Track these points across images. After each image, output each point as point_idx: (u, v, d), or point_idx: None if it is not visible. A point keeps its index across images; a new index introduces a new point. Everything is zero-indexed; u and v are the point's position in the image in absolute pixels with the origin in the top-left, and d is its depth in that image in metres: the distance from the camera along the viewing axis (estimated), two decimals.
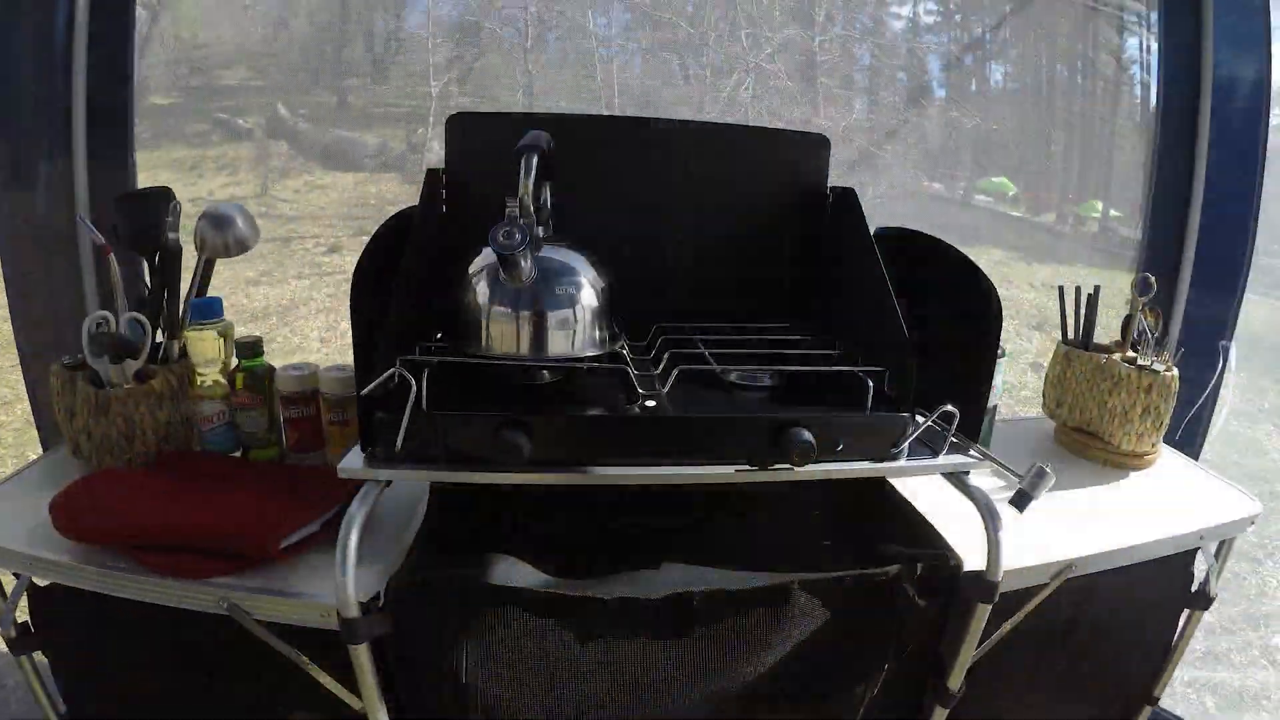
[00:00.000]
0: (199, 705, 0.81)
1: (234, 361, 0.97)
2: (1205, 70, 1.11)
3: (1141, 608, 0.99)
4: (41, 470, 0.95)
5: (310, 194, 3.41)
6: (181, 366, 0.96)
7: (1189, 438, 1.22)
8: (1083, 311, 1.12)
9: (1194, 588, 1.00)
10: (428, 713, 0.70)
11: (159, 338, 0.98)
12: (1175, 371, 1.01)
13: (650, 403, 0.69)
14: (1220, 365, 1.17)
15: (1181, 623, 1.03)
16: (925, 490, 0.88)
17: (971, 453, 0.77)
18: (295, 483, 0.87)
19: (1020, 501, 0.74)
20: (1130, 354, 1.06)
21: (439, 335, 0.82)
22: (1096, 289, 1.12)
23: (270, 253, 2.98)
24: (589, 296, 0.73)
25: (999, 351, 0.83)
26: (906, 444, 0.74)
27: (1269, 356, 2.16)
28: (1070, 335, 1.13)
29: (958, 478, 0.77)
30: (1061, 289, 1.12)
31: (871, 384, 0.73)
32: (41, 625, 0.83)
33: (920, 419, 0.73)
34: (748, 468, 0.69)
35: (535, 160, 0.69)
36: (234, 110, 2.86)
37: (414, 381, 0.63)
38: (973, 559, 0.76)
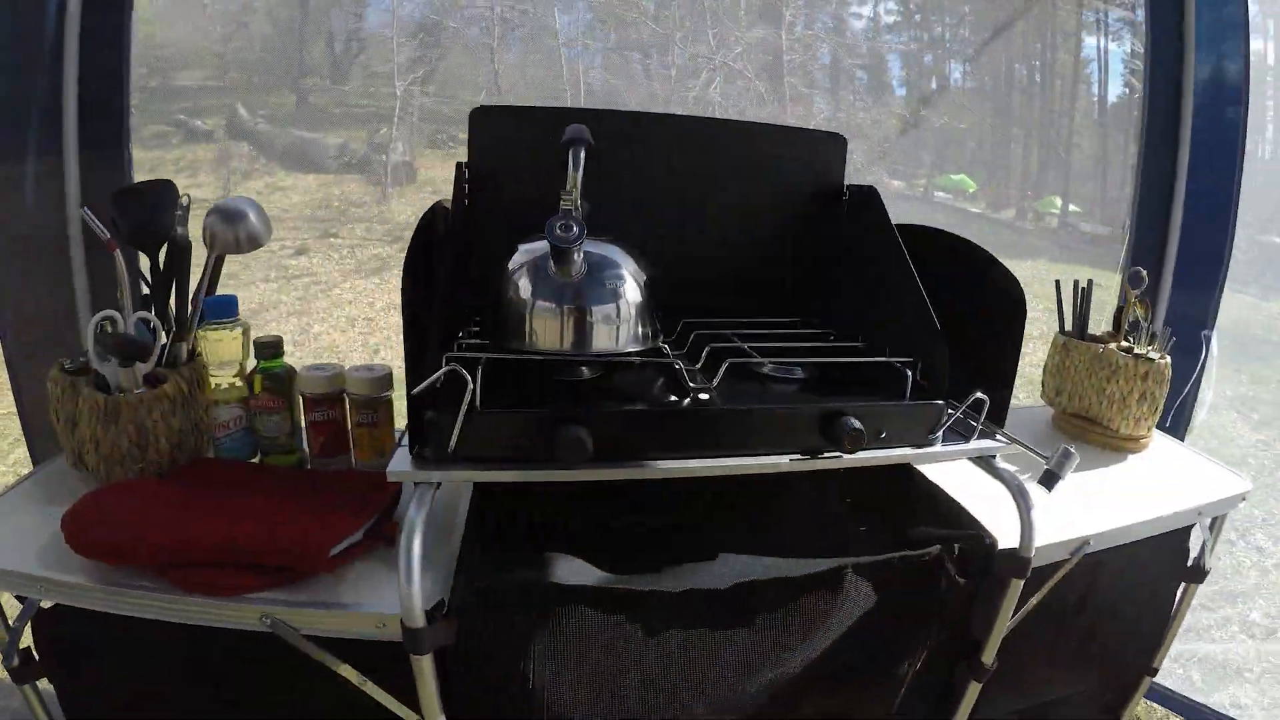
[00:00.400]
0: None
1: (250, 363, 0.95)
2: (1187, 74, 1.21)
3: (1143, 582, 1.06)
4: (38, 484, 0.91)
5: (273, 195, 3.35)
6: (192, 369, 0.92)
7: (1175, 423, 1.31)
8: (1075, 304, 1.20)
9: (1189, 562, 1.09)
10: None
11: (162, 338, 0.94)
12: (1168, 359, 1.10)
13: (704, 396, 0.72)
14: (1203, 354, 1.27)
15: (1178, 596, 1.12)
16: (940, 474, 0.94)
17: (998, 437, 0.83)
18: (326, 489, 0.85)
19: (1049, 481, 0.80)
20: (1125, 344, 1.14)
21: (473, 330, 0.83)
22: (1090, 283, 1.20)
23: (235, 256, 2.92)
24: (634, 292, 0.75)
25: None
26: (942, 430, 0.79)
27: (1231, 347, 2.33)
28: (1068, 327, 1.21)
29: (986, 461, 0.83)
30: (1059, 283, 1.20)
31: (910, 374, 0.78)
32: (47, 651, 0.80)
33: (953, 407, 0.79)
34: (800, 457, 0.73)
35: (583, 154, 0.71)
36: (192, 111, 2.80)
37: (469, 380, 0.63)
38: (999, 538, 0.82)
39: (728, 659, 0.71)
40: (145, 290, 0.95)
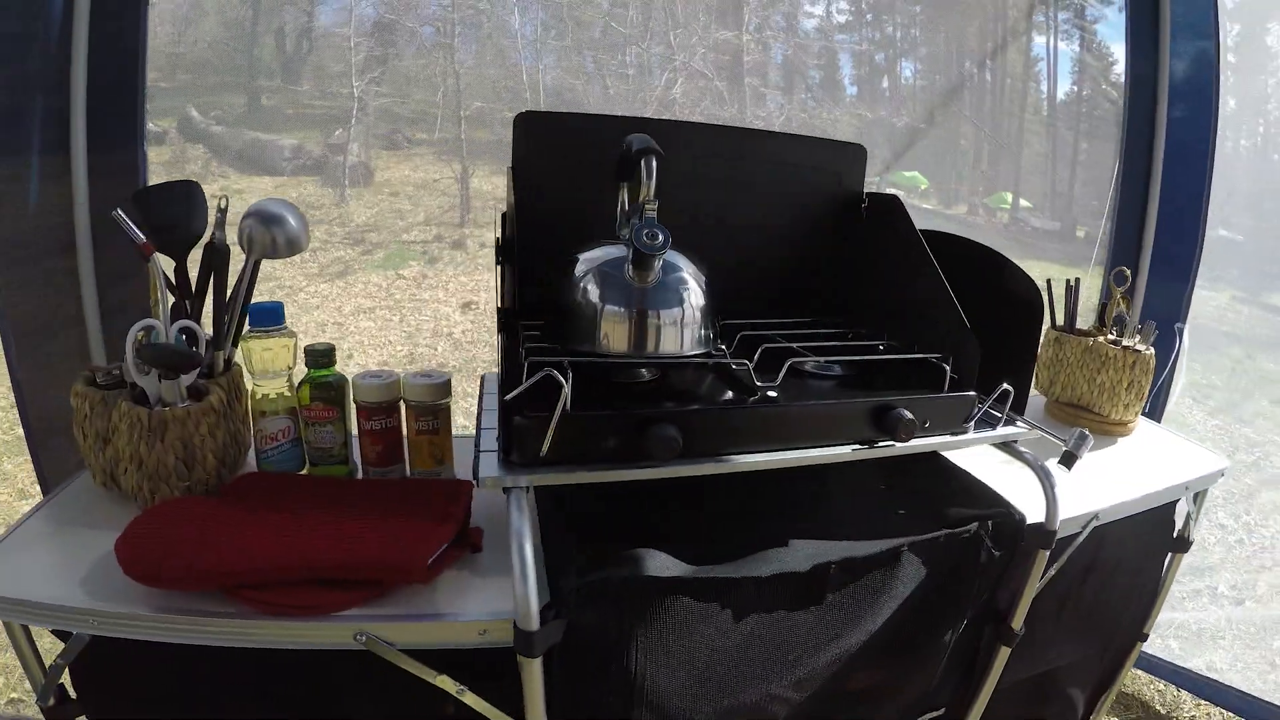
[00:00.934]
0: None
1: (298, 372, 0.96)
2: (1161, 85, 1.37)
3: (1136, 553, 1.20)
4: (63, 507, 0.89)
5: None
6: (229, 379, 0.93)
7: (1153, 409, 1.48)
8: (1066, 301, 1.35)
9: (1175, 534, 1.24)
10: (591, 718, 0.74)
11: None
12: (1153, 350, 1.25)
13: (772, 394, 0.81)
14: (1177, 346, 1.43)
15: (1166, 566, 1.27)
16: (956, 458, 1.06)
17: (1020, 424, 0.95)
18: (396, 499, 0.85)
19: (1069, 461, 0.93)
20: (1112, 337, 1.29)
21: (531, 334, 0.88)
22: (1077, 281, 1.35)
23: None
24: (698, 296, 0.83)
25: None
26: (974, 419, 0.91)
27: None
28: (1059, 322, 1.35)
29: (1009, 445, 0.95)
30: (1050, 281, 1.35)
31: (948, 369, 0.89)
32: (88, 688, 0.79)
33: (982, 397, 0.90)
34: (860, 446, 0.83)
35: (655, 163, 0.78)
36: None
37: (564, 383, 0.68)
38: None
39: (801, 637, 0.79)
40: (170, 297, 0.92)
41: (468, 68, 3.61)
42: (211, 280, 0.96)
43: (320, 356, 0.94)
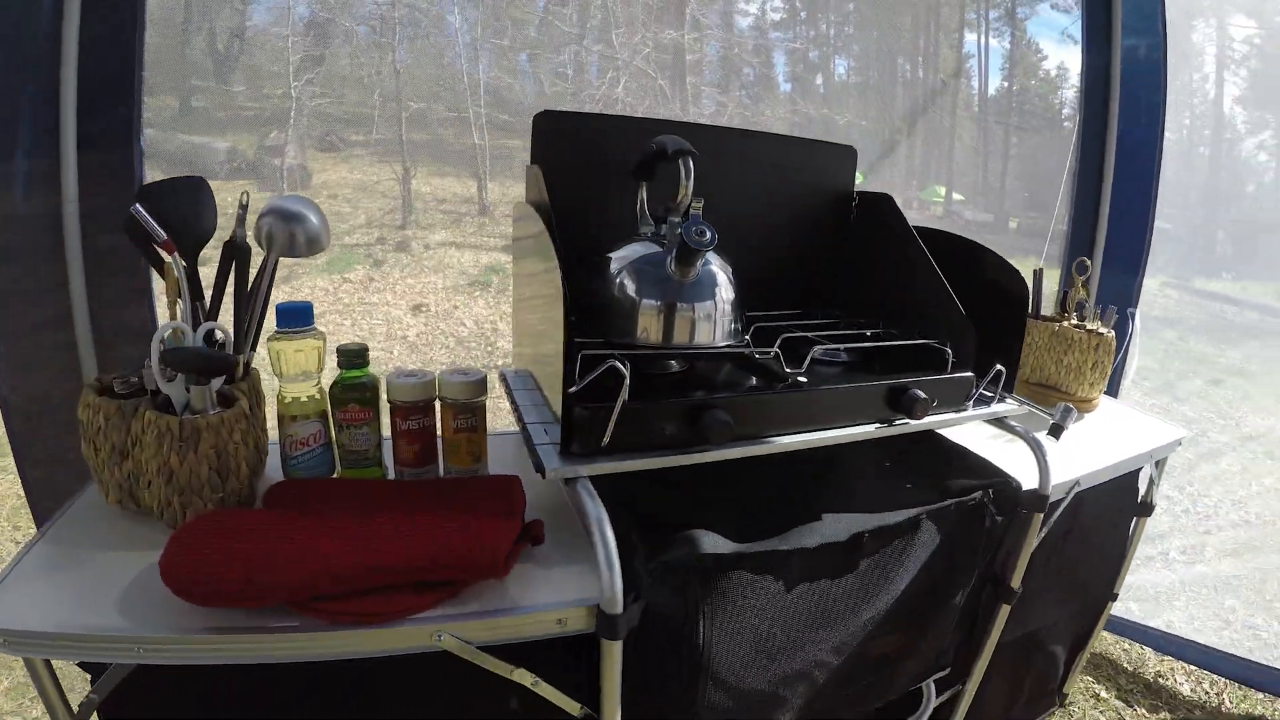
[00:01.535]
0: None
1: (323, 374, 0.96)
2: (1113, 88, 1.55)
3: (1107, 518, 1.37)
4: (72, 529, 0.85)
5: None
6: (250, 383, 0.93)
7: (1111, 387, 1.67)
8: (1031, 289, 1.51)
9: (1139, 499, 1.42)
10: (654, 697, 0.80)
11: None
12: (1113, 333, 1.42)
13: (802, 379, 0.92)
14: (1130, 329, 1.62)
15: (1131, 529, 1.44)
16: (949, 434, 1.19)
17: (1010, 400, 1.09)
18: (452, 497, 0.87)
19: (1056, 432, 1.08)
20: (1075, 322, 1.46)
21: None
22: (1040, 271, 1.52)
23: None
24: (729, 290, 0.92)
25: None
26: (973, 398, 1.04)
27: None
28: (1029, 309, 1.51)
29: (1001, 420, 1.09)
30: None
31: (950, 353, 1.02)
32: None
33: (977, 378, 1.04)
34: (879, 425, 0.95)
35: (691, 163, 0.87)
36: None
37: (626, 375, 0.76)
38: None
39: (839, 603, 0.89)
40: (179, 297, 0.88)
41: (406, 66, 3.63)
42: (232, 280, 0.95)
43: (354, 356, 0.95)
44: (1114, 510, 1.37)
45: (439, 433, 0.99)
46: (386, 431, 1.00)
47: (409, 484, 0.95)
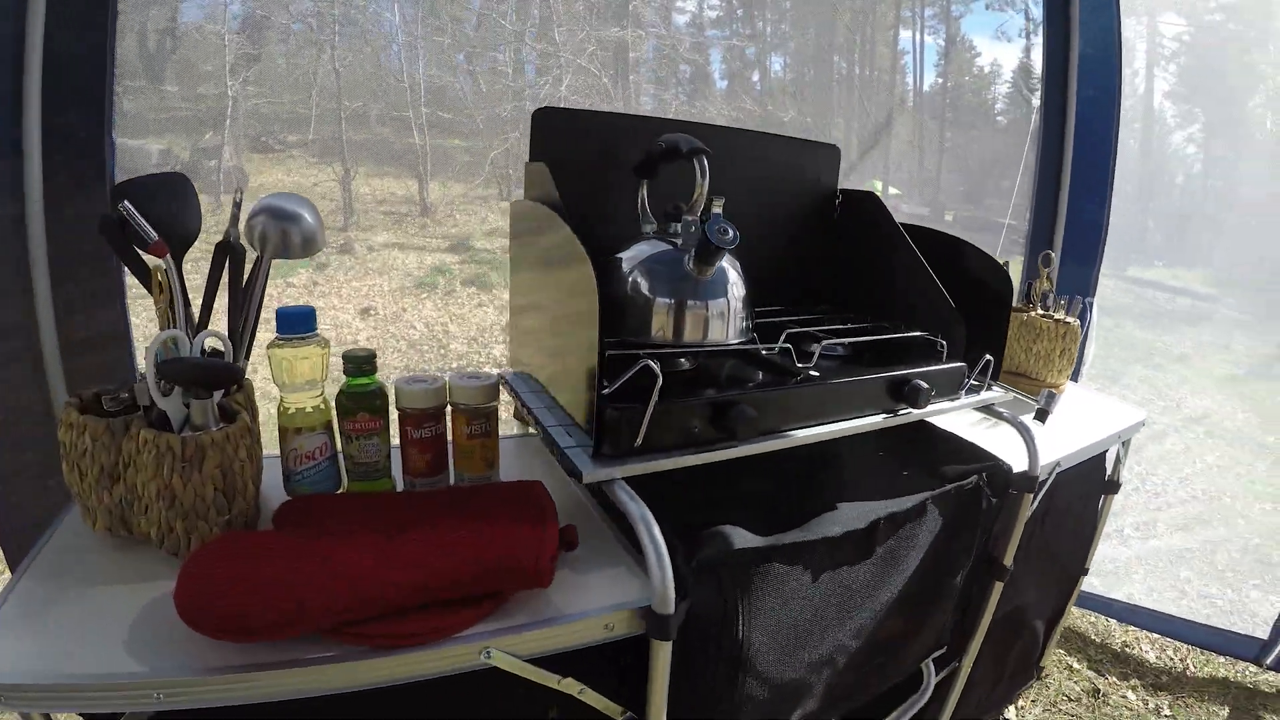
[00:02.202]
0: None
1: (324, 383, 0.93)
2: (1070, 88, 1.66)
3: (1079, 496, 1.47)
4: (60, 563, 0.78)
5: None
6: (247, 394, 0.89)
7: (1073, 374, 1.78)
8: None
9: (1106, 478, 1.52)
10: (693, 695, 0.81)
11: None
12: (1079, 322, 1.52)
13: (814, 374, 0.97)
14: (1088, 318, 1.74)
15: (1100, 506, 1.55)
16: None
17: (996, 388, 1.17)
18: (479, 505, 0.85)
19: (1041, 416, 1.16)
20: (1042, 312, 1.56)
21: None
22: (1006, 264, 1.61)
23: None
24: (741, 288, 0.96)
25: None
26: (965, 387, 1.11)
27: None
28: None
29: (989, 407, 1.16)
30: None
31: (944, 345, 1.09)
32: None
33: (968, 367, 1.11)
34: (884, 415, 1.01)
35: (706, 161, 0.90)
36: None
37: (659, 374, 0.78)
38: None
39: (858, 588, 0.94)
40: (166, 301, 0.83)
41: (347, 65, 3.57)
42: (227, 284, 0.90)
43: (362, 363, 0.92)
44: (1085, 489, 1.47)
45: (449, 440, 0.98)
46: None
47: (431, 494, 0.92)
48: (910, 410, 1.02)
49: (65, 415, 0.81)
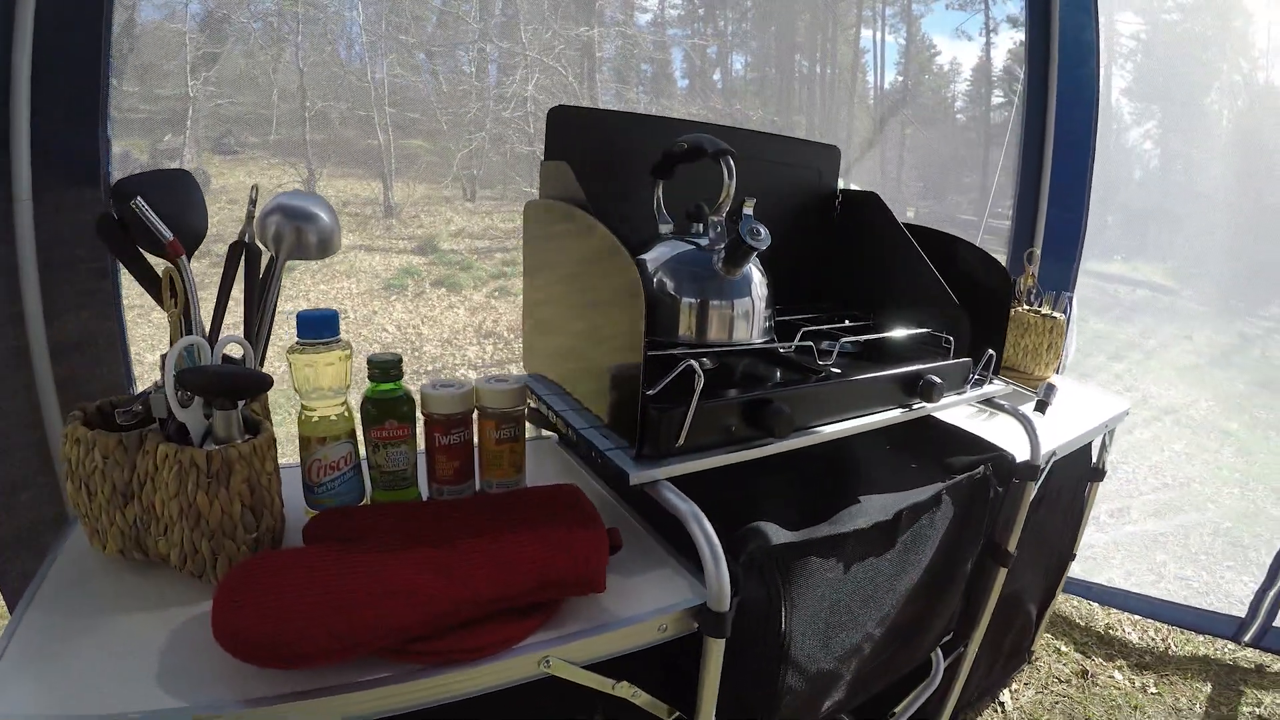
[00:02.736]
0: None
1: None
2: (1051, 91, 1.74)
3: (1069, 484, 1.54)
4: (68, 591, 0.74)
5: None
6: (262, 404, 0.88)
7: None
8: None
9: (1092, 465, 1.60)
10: (737, 690, 0.83)
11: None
12: (1064, 316, 1.60)
13: (836, 371, 1.01)
14: (1069, 313, 1.82)
15: (1087, 493, 1.63)
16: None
17: (997, 381, 1.23)
18: (521, 511, 0.84)
19: (1041, 408, 1.22)
20: (1028, 307, 1.63)
21: None
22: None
23: None
24: (764, 287, 0.99)
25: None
26: (971, 380, 1.17)
27: None
28: None
29: (991, 400, 1.22)
30: None
31: (953, 341, 1.14)
32: None
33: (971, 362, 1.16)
34: (900, 410, 1.06)
35: (733, 162, 0.93)
36: None
37: (701, 374, 0.80)
38: None
39: (884, 578, 0.98)
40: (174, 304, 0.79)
41: (310, 64, 3.54)
42: (243, 286, 0.89)
43: (389, 368, 0.90)
44: (1074, 477, 1.54)
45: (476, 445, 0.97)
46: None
47: (468, 502, 0.90)
48: (924, 404, 1.06)
49: (70, 430, 0.76)
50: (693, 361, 0.81)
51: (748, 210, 0.91)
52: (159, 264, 0.82)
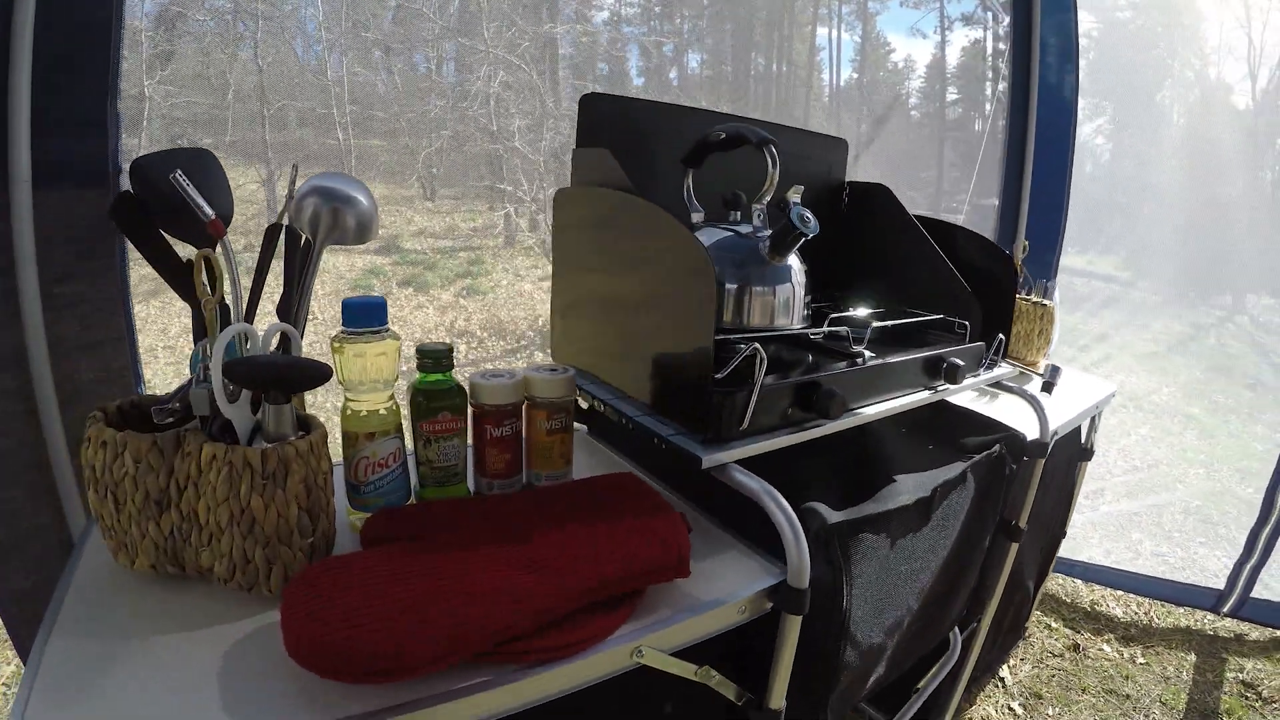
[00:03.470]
0: None
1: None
2: (1032, 93, 1.84)
3: (1061, 463, 1.64)
4: (97, 610, 0.68)
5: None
6: (299, 396, 0.83)
7: None
8: None
9: (1082, 445, 1.70)
10: (806, 667, 0.86)
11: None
12: (1053, 303, 1.69)
13: (869, 354, 1.06)
14: (1054, 299, 1.93)
15: (1076, 472, 1.73)
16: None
17: (1005, 364, 1.31)
18: (590, 501, 0.84)
19: (1048, 389, 1.30)
20: (1021, 295, 1.72)
21: None
22: None
23: None
24: (803, 275, 1.04)
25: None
26: (985, 363, 1.24)
27: None
28: None
29: (1001, 382, 1.30)
30: None
31: (968, 326, 1.21)
32: None
33: (983, 346, 1.24)
34: (926, 392, 1.12)
35: (775, 150, 0.97)
36: None
37: (764, 358, 0.84)
38: None
39: (921, 553, 1.03)
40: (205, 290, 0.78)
41: (268, 62, 3.49)
42: (283, 272, 0.88)
43: (441, 358, 0.88)
44: (1065, 457, 1.64)
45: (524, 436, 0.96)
46: None
47: (528, 495, 0.89)
48: (948, 386, 1.13)
49: (95, 432, 0.69)
50: (757, 345, 0.84)
51: (795, 198, 0.95)
52: (172, 252, 0.80)
